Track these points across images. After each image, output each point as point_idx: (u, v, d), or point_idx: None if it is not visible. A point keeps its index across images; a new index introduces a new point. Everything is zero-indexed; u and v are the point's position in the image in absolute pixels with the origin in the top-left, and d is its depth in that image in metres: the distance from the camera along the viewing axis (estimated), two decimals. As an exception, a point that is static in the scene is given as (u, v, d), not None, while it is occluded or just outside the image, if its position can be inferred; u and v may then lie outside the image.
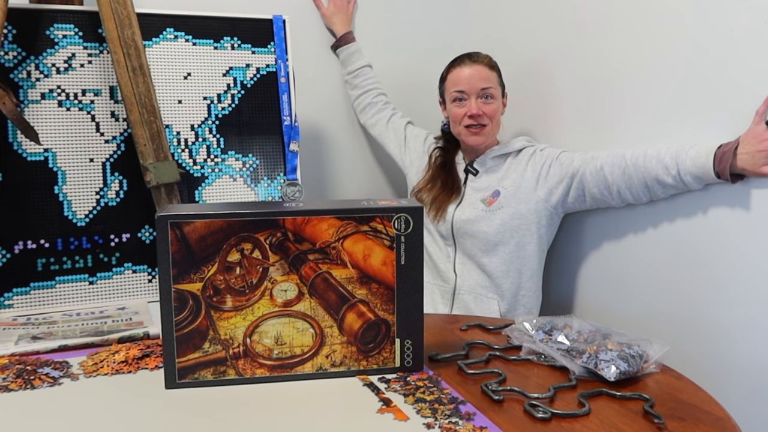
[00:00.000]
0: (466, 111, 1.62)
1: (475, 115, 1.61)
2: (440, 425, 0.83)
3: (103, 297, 1.46)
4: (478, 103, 1.62)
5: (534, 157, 1.63)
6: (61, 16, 1.45)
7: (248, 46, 1.61)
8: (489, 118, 1.63)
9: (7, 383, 0.97)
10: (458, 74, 1.65)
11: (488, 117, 1.63)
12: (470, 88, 1.62)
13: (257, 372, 0.97)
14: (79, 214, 1.45)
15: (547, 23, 1.78)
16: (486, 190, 1.64)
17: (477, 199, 1.65)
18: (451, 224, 1.65)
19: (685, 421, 0.85)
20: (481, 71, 1.63)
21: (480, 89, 1.62)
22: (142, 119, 1.43)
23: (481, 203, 1.63)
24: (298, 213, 0.96)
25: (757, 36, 1.23)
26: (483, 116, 1.62)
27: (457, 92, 1.64)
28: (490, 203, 1.62)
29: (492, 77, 1.65)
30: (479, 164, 1.68)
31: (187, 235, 0.94)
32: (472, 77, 1.62)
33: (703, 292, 1.36)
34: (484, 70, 1.64)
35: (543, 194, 1.59)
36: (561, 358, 1.03)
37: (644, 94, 1.48)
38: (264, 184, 1.61)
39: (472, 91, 1.62)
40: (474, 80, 1.62)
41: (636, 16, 1.50)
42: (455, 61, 1.68)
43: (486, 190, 1.64)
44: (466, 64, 1.65)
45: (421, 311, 1.01)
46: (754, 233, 1.26)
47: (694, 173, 1.31)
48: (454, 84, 1.65)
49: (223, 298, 0.96)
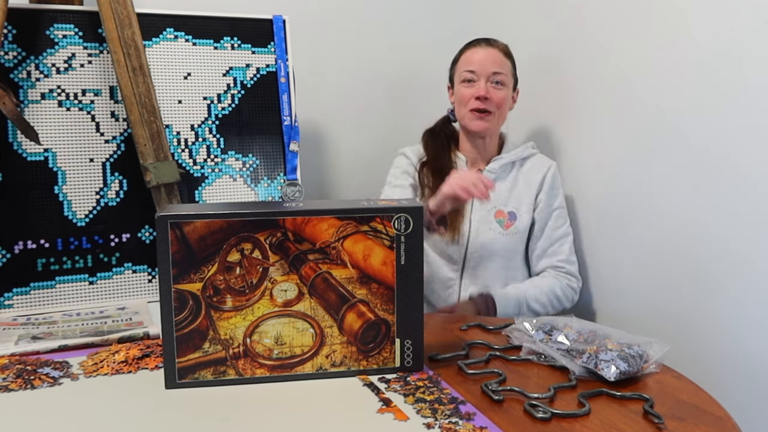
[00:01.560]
0: (474, 92, 1.55)
1: (482, 97, 1.53)
2: (440, 425, 0.83)
3: (103, 297, 1.46)
4: (488, 87, 1.54)
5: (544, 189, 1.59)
6: (61, 16, 1.46)
7: (248, 46, 1.61)
8: (496, 106, 1.55)
9: (7, 383, 0.97)
10: (471, 55, 1.58)
11: (495, 104, 1.55)
12: (482, 69, 1.55)
13: (257, 372, 0.97)
14: (79, 214, 1.45)
15: (549, 24, 1.78)
16: (495, 203, 1.57)
17: (490, 215, 1.57)
18: (465, 247, 1.57)
19: (685, 421, 0.85)
20: (496, 55, 1.57)
21: (491, 72, 1.55)
22: (142, 119, 1.43)
23: (498, 225, 1.56)
24: (298, 213, 0.96)
25: (757, 36, 1.23)
26: (490, 102, 1.54)
27: (467, 72, 1.56)
28: (507, 227, 1.57)
29: (506, 65, 1.58)
30: (489, 172, 1.60)
31: (187, 235, 0.94)
32: (485, 59, 1.55)
33: (703, 292, 1.36)
34: (499, 55, 1.57)
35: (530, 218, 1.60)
36: (561, 358, 1.03)
37: (644, 93, 1.48)
38: (264, 184, 1.61)
39: (483, 73, 1.55)
40: (487, 63, 1.55)
41: (636, 16, 1.50)
42: (470, 43, 1.62)
43: (495, 203, 1.57)
44: (481, 46, 1.58)
45: (421, 311, 1.01)
46: (754, 233, 1.26)
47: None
48: (465, 64, 1.58)
49: (223, 298, 0.96)
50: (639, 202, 1.51)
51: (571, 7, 1.70)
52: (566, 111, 1.73)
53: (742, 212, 1.28)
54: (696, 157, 1.36)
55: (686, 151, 1.38)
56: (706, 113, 1.34)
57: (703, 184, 1.35)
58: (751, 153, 1.24)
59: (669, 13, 1.41)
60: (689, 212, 1.39)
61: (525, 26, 1.88)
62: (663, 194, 1.44)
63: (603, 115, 1.61)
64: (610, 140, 1.59)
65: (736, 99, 1.28)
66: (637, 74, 1.50)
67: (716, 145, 1.31)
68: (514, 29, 1.91)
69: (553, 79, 1.77)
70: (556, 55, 1.76)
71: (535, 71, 1.84)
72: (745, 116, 1.26)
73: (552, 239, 1.59)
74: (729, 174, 1.29)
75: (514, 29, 1.91)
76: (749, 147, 1.25)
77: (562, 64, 1.74)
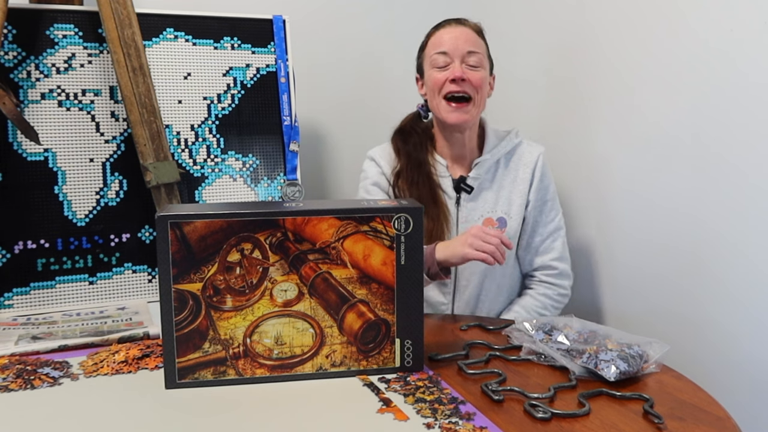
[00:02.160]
0: (449, 75, 1.37)
1: (458, 78, 1.36)
2: (440, 425, 0.83)
3: (103, 297, 1.46)
4: (463, 68, 1.38)
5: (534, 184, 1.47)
6: (61, 16, 1.46)
7: (248, 46, 1.61)
8: (475, 89, 1.38)
9: (7, 383, 0.97)
10: (441, 35, 1.42)
11: (473, 86, 1.38)
12: (454, 49, 1.38)
13: (257, 372, 0.97)
14: (79, 214, 1.45)
15: (549, 24, 1.79)
16: (483, 209, 1.45)
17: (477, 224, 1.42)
18: (455, 272, 1.44)
19: (685, 421, 0.85)
20: (469, 34, 1.41)
21: (466, 52, 1.38)
22: (142, 119, 1.43)
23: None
24: (298, 213, 0.96)
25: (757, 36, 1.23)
26: (467, 83, 1.37)
27: (438, 54, 1.39)
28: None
29: (480, 44, 1.42)
30: (473, 179, 1.45)
31: (187, 235, 0.94)
32: (458, 38, 1.39)
33: (704, 292, 1.36)
34: (472, 33, 1.42)
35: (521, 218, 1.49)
36: (561, 358, 1.03)
37: (645, 93, 1.48)
38: (264, 184, 1.61)
39: (456, 53, 1.38)
40: (459, 41, 1.39)
41: (636, 16, 1.50)
42: (439, 24, 1.46)
43: (483, 209, 1.45)
44: (451, 25, 1.43)
45: (421, 311, 1.01)
46: (754, 233, 1.26)
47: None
48: (435, 46, 1.41)
49: (223, 298, 0.96)
50: (639, 202, 1.51)
51: (571, 7, 1.70)
52: (567, 109, 1.73)
53: (741, 212, 1.28)
54: (696, 156, 1.36)
55: (687, 151, 1.38)
56: (707, 113, 1.34)
57: (703, 183, 1.35)
58: (751, 153, 1.25)
59: (669, 13, 1.41)
60: (689, 212, 1.39)
61: (527, 28, 1.88)
62: (663, 194, 1.44)
63: (604, 114, 1.61)
64: (610, 140, 1.59)
65: (736, 99, 1.28)
66: (638, 74, 1.50)
67: (717, 145, 1.32)
68: (517, 32, 1.91)
69: (554, 78, 1.77)
70: (557, 55, 1.76)
71: (536, 70, 1.84)
72: (745, 116, 1.26)
73: (544, 235, 1.49)
74: (729, 173, 1.29)
75: (518, 32, 1.91)
76: (749, 147, 1.25)
77: (563, 63, 1.74)
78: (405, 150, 1.48)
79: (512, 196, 1.47)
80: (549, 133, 1.79)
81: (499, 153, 1.48)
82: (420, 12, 2.07)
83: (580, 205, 1.70)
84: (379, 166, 1.50)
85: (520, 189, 1.47)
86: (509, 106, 1.91)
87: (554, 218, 1.50)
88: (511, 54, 1.88)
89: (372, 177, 1.50)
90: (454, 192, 1.46)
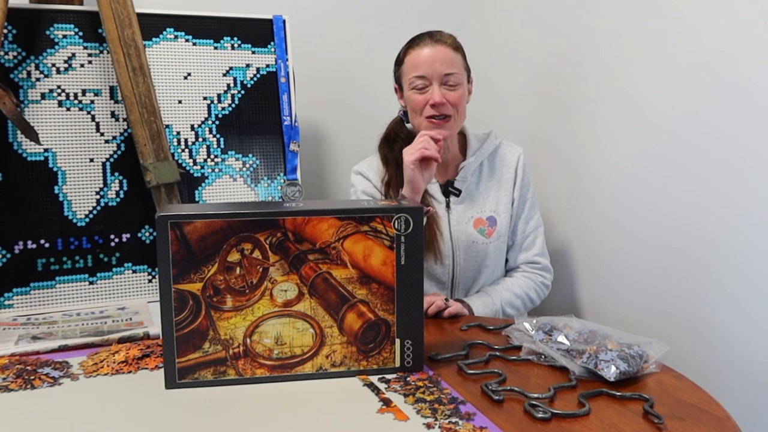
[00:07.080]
0: (428, 98, 1.40)
1: (438, 104, 1.39)
2: (440, 425, 0.83)
3: (103, 297, 1.46)
4: (442, 90, 1.40)
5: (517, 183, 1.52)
6: (61, 16, 1.46)
7: (248, 46, 1.61)
8: (453, 107, 1.42)
9: (7, 383, 0.97)
10: (417, 56, 1.42)
11: (452, 105, 1.41)
12: (432, 72, 1.40)
13: (257, 372, 0.97)
14: (79, 214, 1.45)
15: (548, 24, 1.79)
16: (472, 210, 1.49)
17: (469, 227, 1.48)
18: (452, 271, 1.49)
19: (685, 421, 0.85)
20: (445, 53, 1.41)
21: (443, 74, 1.40)
22: (142, 119, 1.43)
23: (480, 235, 1.48)
24: (298, 213, 0.96)
25: (757, 36, 1.24)
26: (446, 105, 1.41)
27: (416, 77, 1.41)
28: (490, 234, 1.49)
29: (457, 60, 1.43)
30: (461, 182, 1.49)
31: (187, 235, 0.94)
32: (434, 60, 1.40)
33: (703, 292, 1.36)
34: (448, 51, 1.42)
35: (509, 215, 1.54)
36: (561, 358, 1.03)
37: (645, 93, 1.48)
38: (264, 184, 1.61)
39: (434, 76, 1.40)
40: (436, 64, 1.40)
41: (636, 16, 1.50)
42: (414, 41, 1.45)
43: (472, 210, 1.49)
44: (426, 44, 1.42)
45: (421, 311, 1.01)
46: (754, 233, 1.26)
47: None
48: (413, 68, 1.42)
49: (223, 298, 0.96)
50: (639, 203, 1.51)
51: (570, 7, 1.70)
52: (566, 111, 1.73)
53: (741, 212, 1.28)
54: (696, 157, 1.36)
55: (686, 151, 1.38)
56: (706, 113, 1.34)
57: (703, 184, 1.35)
58: (751, 153, 1.25)
59: (669, 13, 1.41)
60: (689, 212, 1.39)
61: (524, 28, 1.88)
62: (663, 194, 1.45)
63: (603, 115, 1.61)
64: (610, 140, 1.59)
65: (736, 99, 1.28)
66: (637, 74, 1.50)
67: (716, 145, 1.32)
68: (513, 31, 1.91)
69: (552, 79, 1.77)
70: (556, 55, 1.76)
71: (534, 71, 1.84)
72: (745, 116, 1.26)
73: (526, 233, 1.54)
74: (729, 174, 1.29)
75: (514, 31, 1.91)
76: (749, 147, 1.25)
77: (562, 64, 1.74)
78: (393, 157, 1.50)
79: (499, 196, 1.53)
80: (546, 134, 1.79)
81: (483, 155, 1.53)
82: (420, 12, 2.07)
83: (579, 205, 1.70)
84: (368, 179, 1.53)
85: (506, 188, 1.53)
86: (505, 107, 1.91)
87: (534, 216, 1.56)
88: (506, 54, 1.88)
89: (362, 187, 1.53)
90: (443, 196, 1.50)
